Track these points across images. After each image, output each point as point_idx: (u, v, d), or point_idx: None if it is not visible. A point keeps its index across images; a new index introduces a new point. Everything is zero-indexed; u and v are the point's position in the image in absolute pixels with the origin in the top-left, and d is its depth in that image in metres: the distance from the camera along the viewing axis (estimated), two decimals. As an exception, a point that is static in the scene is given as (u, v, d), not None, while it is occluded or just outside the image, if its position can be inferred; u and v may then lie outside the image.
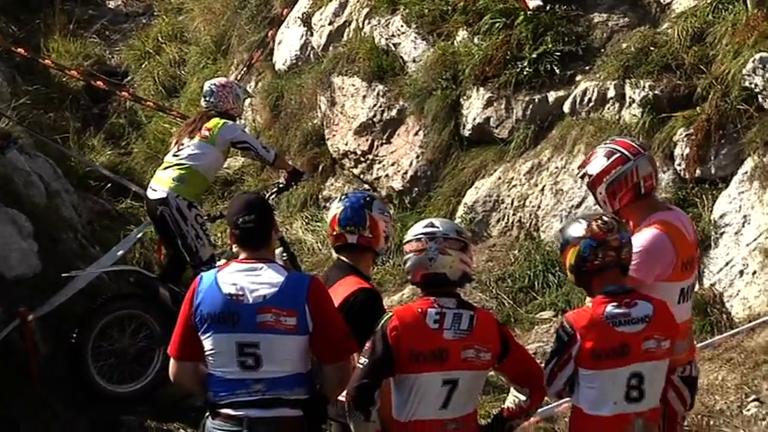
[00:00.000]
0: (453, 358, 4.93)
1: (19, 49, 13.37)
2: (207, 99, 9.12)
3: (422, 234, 5.08)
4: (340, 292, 5.37)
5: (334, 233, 5.63)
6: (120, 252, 9.42)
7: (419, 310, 4.98)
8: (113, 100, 14.46)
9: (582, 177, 5.78)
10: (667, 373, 5.36)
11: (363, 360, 4.92)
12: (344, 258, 5.66)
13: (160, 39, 15.31)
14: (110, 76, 14.63)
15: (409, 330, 4.91)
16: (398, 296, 9.95)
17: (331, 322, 5.02)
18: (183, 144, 8.85)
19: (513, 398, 5.24)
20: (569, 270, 5.24)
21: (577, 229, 5.16)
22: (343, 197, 5.78)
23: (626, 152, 5.58)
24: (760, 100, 9.04)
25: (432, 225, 5.13)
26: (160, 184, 8.78)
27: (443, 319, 4.95)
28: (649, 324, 5.06)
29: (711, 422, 7.78)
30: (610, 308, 5.05)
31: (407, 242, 5.13)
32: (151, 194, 8.83)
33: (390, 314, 5.00)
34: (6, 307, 8.33)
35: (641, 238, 5.43)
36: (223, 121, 8.90)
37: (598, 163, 5.62)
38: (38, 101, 13.20)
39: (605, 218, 5.18)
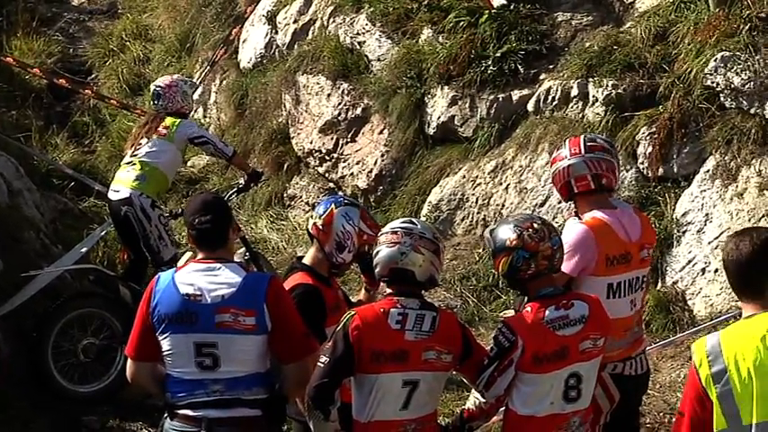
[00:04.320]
0: (414, 359, 4.91)
1: (-20, 48, 13.30)
2: (155, 102, 9.10)
3: (399, 227, 5.10)
4: (286, 284, 5.44)
5: None
6: (83, 250, 9.38)
7: (381, 310, 4.97)
8: (77, 98, 14.38)
9: None
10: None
11: (324, 359, 4.91)
12: (303, 257, 5.74)
13: (124, 36, 15.24)
14: (73, 74, 14.56)
15: (371, 330, 4.90)
16: (363, 295, 9.92)
17: (290, 322, 5.01)
18: (140, 144, 8.83)
19: (474, 399, 5.24)
20: (502, 276, 5.26)
21: (509, 236, 5.11)
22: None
23: (565, 151, 5.83)
24: (722, 99, 9.08)
25: (410, 222, 5.17)
26: (122, 185, 8.75)
27: (405, 319, 4.94)
28: (586, 324, 5.06)
29: (673, 419, 7.81)
30: (549, 311, 5.02)
31: (383, 234, 5.14)
32: (113, 196, 8.80)
33: (353, 313, 4.99)
34: (-33, 307, 8.28)
35: (567, 234, 5.63)
36: (180, 119, 8.89)
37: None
38: (0, 99, 13.11)
39: (536, 224, 5.14)
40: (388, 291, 5.10)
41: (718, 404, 4.12)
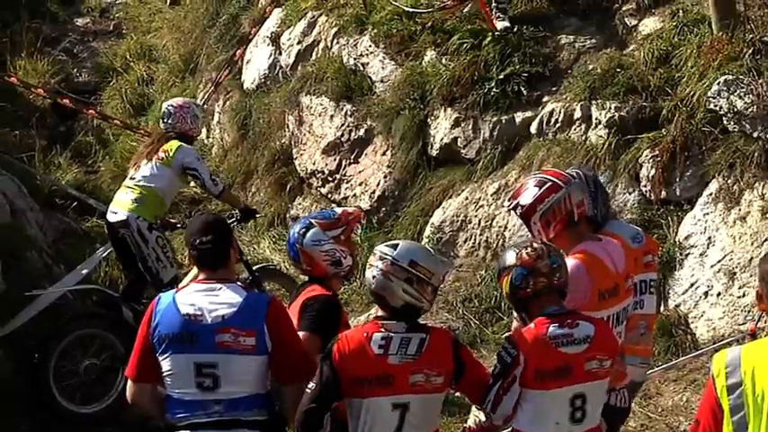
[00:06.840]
0: (400, 383, 4.86)
1: (-16, 67, 13.32)
2: (165, 120, 9.07)
3: (379, 251, 5.06)
4: (302, 296, 5.51)
5: None
6: (85, 271, 9.38)
7: (365, 334, 4.92)
8: (80, 118, 14.39)
9: (514, 209, 5.67)
10: None
11: (312, 384, 4.88)
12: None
13: (128, 57, 15.28)
14: (77, 95, 14.56)
15: (351, 355, 4.86)
16: (365, 316, 9.92)
17: (290, 342, 5.02)
18: (140, 166, 8.83)
19: (474, 417, 5.22)
20: (506, 298, 5.25)
21: (510, 258, 5.13)
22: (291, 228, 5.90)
23: (557, 180, 5.59)
24: (725, 122, 9.10)
25: (393, 247, 5.07)
26: (120, 207, 8.74)
27: (389, 343, 4.88)
28: (591, 344, 5.03)
29: (676, 443, 7.80)
30: (552, 328, 5.00)
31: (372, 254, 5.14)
32: (112, 217, 8.79)
33: (337, 338, 4.95)
34: (-31, 327, 8.28)
35: None
36: (179, 144, 8.86)
37: (530, 193, 5.58)
38: (3, 119, 13.14)
39: (535, 245, 5.13)
40: (380, 312, 5.08)
41: (728, 416, 4.13)
